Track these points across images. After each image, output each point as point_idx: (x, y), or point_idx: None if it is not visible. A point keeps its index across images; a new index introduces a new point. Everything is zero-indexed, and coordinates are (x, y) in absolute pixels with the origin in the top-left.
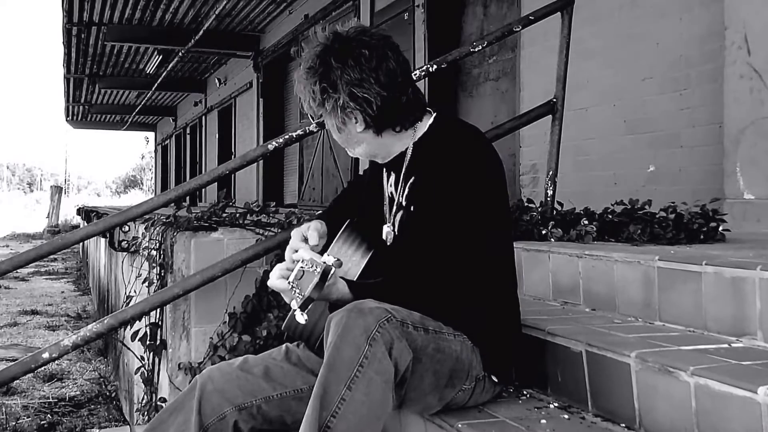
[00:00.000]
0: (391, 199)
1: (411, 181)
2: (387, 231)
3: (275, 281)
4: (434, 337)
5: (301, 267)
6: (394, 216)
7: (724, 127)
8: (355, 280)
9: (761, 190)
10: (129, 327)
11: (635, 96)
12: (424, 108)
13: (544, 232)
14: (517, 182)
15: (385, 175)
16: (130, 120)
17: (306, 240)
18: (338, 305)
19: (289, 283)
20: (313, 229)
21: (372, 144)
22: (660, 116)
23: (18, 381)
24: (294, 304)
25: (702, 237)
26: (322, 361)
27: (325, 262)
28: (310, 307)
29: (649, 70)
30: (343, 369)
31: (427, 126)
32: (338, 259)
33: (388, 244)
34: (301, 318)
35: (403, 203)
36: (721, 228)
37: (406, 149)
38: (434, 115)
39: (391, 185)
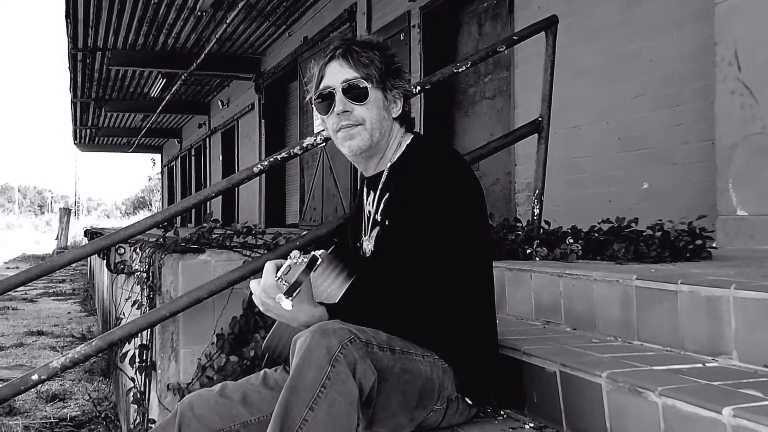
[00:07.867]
0: (368, 217)
1: (386, 196)
2: (365, 245)
3: (264, 278)
4: (401, 358)
5: (289, 264)
6: (371, 231)
7: (716, 144)
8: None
9: (754, 206)
10: (119, 348)
11: (628, 113)
12: (412, 125)
13: (528, 251)
14: (512, 201)
15: (365, 194)
16: (136, 142)
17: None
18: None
19: (276, 278)
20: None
21: (385, 136)
22: (653, 133)
23: (20, 401)
24: (280, 293)
25: (688, 255)
26: None
27: (312, 254)
28: (296, 294)
29: (642, 87)
30: (305, 390)
31: (405, 146)
32: (325, 251)
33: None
34: (287, 304)
35: (378, 218)
36: (709, 245)
37: (383, 170)
38: (413, 136)
39: (370, 203)
